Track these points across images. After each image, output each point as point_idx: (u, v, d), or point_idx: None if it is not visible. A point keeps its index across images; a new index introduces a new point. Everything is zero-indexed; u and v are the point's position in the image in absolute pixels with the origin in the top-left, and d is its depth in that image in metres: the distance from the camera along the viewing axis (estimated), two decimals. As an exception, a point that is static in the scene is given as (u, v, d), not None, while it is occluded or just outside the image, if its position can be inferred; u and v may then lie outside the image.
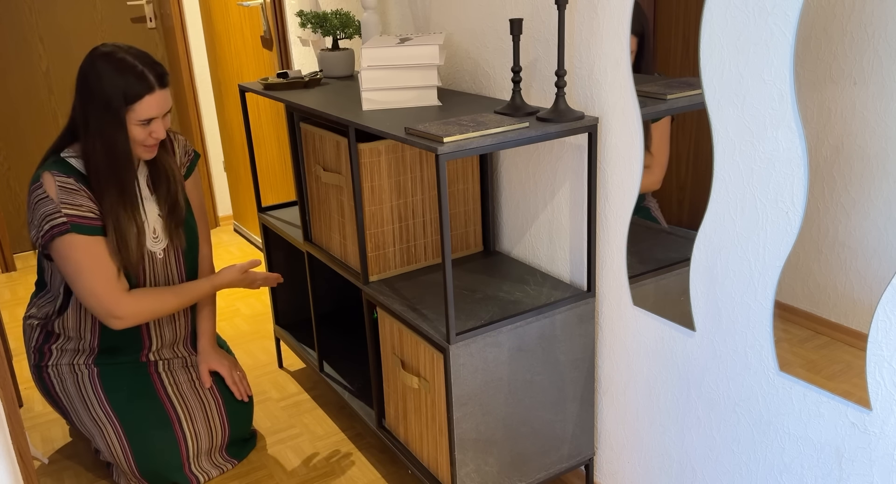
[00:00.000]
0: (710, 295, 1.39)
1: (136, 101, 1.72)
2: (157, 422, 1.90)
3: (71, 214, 1.74)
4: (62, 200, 1.74)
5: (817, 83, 1.12)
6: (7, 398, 1.19)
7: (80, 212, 1.75)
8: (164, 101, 1.77)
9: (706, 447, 1.49)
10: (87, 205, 1.77)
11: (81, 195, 1.76)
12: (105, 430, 1.88)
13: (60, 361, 1.94)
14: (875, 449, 1.18)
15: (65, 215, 1.74)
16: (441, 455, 1.63)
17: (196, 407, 1.95)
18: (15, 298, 3.15)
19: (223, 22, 3.31)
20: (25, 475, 1.26)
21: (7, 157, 3.51)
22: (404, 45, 1.68)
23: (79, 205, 1.76)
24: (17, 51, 3.42)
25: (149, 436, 1.89)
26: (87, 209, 1.76)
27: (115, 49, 1.75)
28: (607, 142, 1.52)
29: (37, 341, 1.95)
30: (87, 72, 1.74)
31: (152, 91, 1.74)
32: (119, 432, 1.88)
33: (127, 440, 1.88)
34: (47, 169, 1.77)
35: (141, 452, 1.88)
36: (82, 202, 1.76)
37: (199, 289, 1.94)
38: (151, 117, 1.76)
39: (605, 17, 1.45)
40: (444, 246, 1.42)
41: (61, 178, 1.76)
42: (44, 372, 1.94)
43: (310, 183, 1.98)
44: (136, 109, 1.73)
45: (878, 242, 1.09)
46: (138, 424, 1.89)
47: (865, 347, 1.15)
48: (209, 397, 1.98)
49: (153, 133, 1.78)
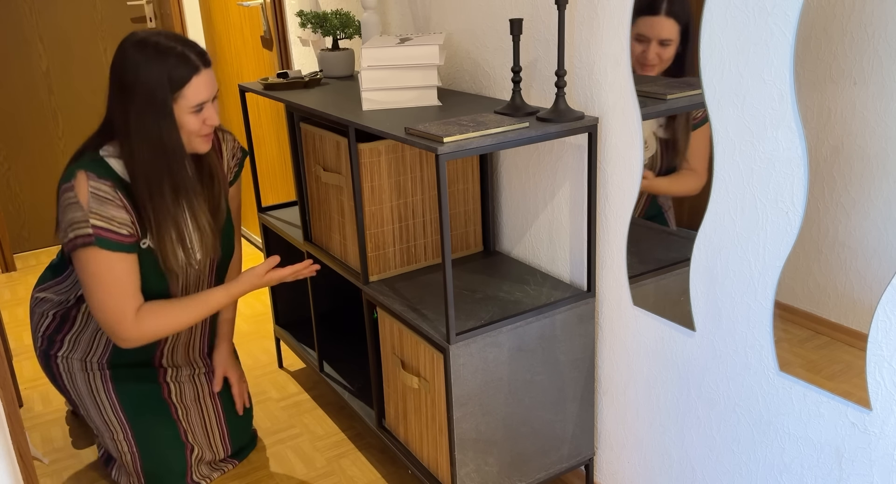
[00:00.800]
0: (710, 295, 1.39)
1: (184, 86, 1.57)
2: (166, 430, 1.88)
3: (98, 226, 1.59)
4: (92, 209, 1.58)
5: (817, 83, 1.12)
6: (7, 398, 1.19)
7: (108, 225, 1.60)
8: (211, 81, 1.61)
9: (706, 447, 1.49)
10: (119, 217, 1.61)
11: (115, 205, 1.60)
12: (115, 431, 1.86)
13: (72, 356, 1.84)
14: (875, 449, 1.18)
15: (92, 227, 1.58)
16: (441, 455, 1.63)
17: (197, 423, 1.93)
18: (15, 298, 3.15)
19: (223, 22, 3.31)
20: (25, 475, 1.26)
21: (7, 157, 3.51)
22: (404, 45, 1.68)
23: (110, 217, 1.60)
24: (17, 51, 3.42)
25: (158, 444, 1.88)
26: (119, 223, 1.61)
27: (147, 35, 1.58)
28: (607, 142, 1.52)
29: (47, 328, 1.84)
30: (121, 65, 1.57)
31: (198, 71, 1.58)
32: (129, 437, 1.86)
33: (136, 445, 1.86)
34: (83, 168, 1.60)
35: (148, 458, 1.87)
36: (115, 214, 1.60)
37: (215, 301, 1.76)
38: (202, 102, 1.60)
39: (605, 17, 1.45)
40: (444, 246, 1.42)
41: (95, 182, 1.59)
42: (52, 361, 1.85)
43: (310, 183, 1.98)
44: (185, 95, 1.57)
45: (878, 242, 1.09)
46: (149, 431, 1.87)
47: (865, 347, 1.15)
48: (210, 412, 1.96)
49: (207, 120, 1.63)
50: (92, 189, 1.59)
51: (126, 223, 1.62)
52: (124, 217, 1.62)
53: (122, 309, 1.65)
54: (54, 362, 1.86)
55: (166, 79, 1.55)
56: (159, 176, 1.61)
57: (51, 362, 1.86)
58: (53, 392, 2.42)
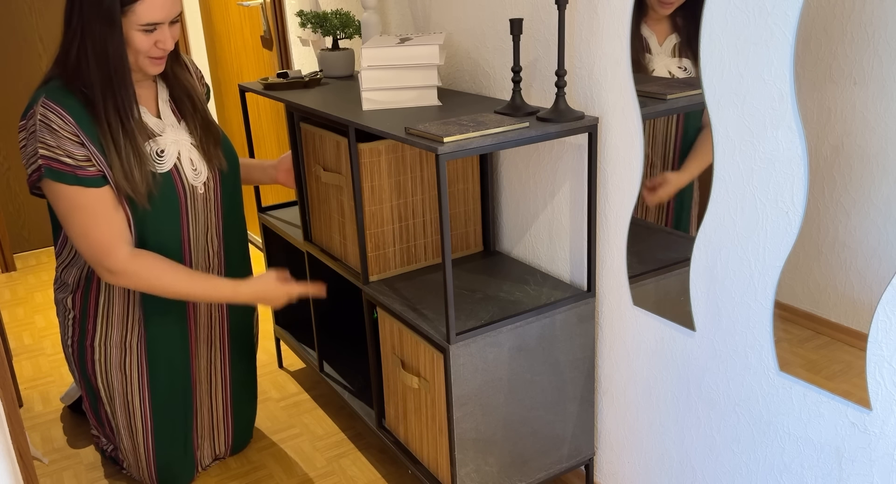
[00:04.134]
0: (710, 295, 1.39)
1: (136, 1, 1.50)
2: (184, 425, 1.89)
3: (47, 157, 1.52)
4: (40, 139, 1.51)
5: (817, 83, 1.12)
6: (7, 398, 1.19)
7: (55, 154, 1.53)
8: (168, 3, 1.53)
9: (706, 447, 1.49)
10: (68, 149, 1.53)
11: (62, 136, 1.52)
12: (134, 429, 1.84)
13: (110, 338, 1.75)
14: (875, 449, 1.18)
15: (41, 157, 1.52)
16: (441, 455, 1.63)
17: (205, 416, 1.96)
18: (15, 298, 3.15)
19: (223, 22, 3.31)
20: (25, 475, 1.26)
21: (7, 157, 3.51)
22: (404, 45, 1.68)
23: (55, 147, 1.52)
24: (17, 51, 3.42)
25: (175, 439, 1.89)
26: (65, 153, 1.52)
27: None
28: (607, 142, 1.52)
29: (74, 319, 1.76)
30: None
31: None
32: (148, 431, 1.85)
33: (154, 441, 1.86)
34: (43, 94, 1.54)
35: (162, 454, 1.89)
36: (61, 144, 1.52)
37: (218, 289, 1.67)
38: (155, 22, 1.53)
39: (605, 17, 1.45)
40: (444, 246, 1.42)
41: (47, 111, 1.52)
42: (89, 355, 1.76)
43: (310, 183, 1.98)
44: (136, 10, 1.50)
45: (878, 242, 1.09)
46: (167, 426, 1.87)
47: (865, 347, 1.15)
48: (220, 409, 1.98)
49: (159, 42, 1.56)
50: (41, 117, 1.52)
51: (77, 157, 1.54)
52: (76, 150, 1.54)
53: (108, 246, 1.57)
54: (90, 356, 1.77)
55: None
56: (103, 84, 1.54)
57: (86, 357, 1.77)
58: (53, 392, 2.42)
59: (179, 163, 1.69)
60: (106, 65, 1.53)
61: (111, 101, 1.56)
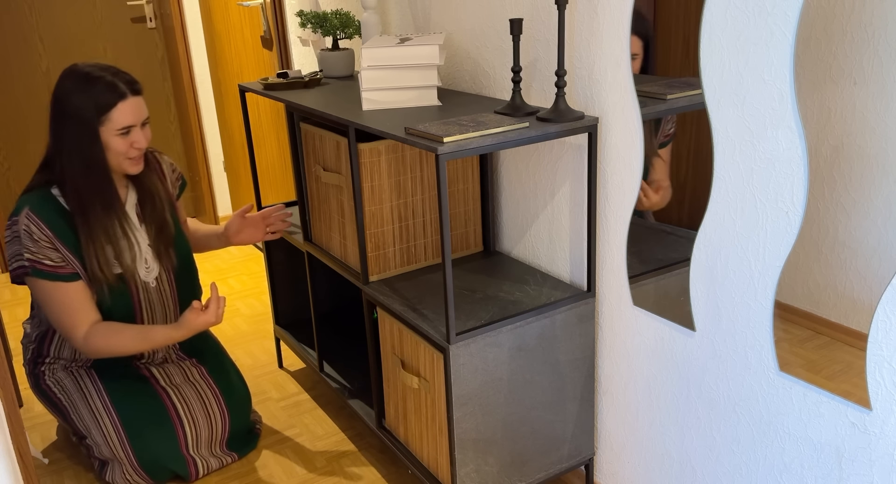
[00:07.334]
0: (710, 295, 1.39)
1: (110, 110, 1.73)
2: (153, 411, 1.92)
3: (32, 259, 1.77)
4: (24, 245, 1.77)
5: (817, 83, 1.12)
6: (7, 398, 1.19)
7: (37, 258, 1.77)
8: (138, 108, 1.78)
9: (706, 447, 1.49)
10: (47, 254, 1.77)
11: (45, 245, 1.77)
12: (102, 421, 1.90)
13: (56, 364, 1.99)
14: (875, 449, 1.18)
15: (27, 260, 1.77)
16: (441, 455, 1.63)
17: (193, 398, 1.97)
18: (15, 298, 3.15)
19: (223, 22, 3.31)
20: (25, 475, 1.26)
21: (7, 157, 3.52)
22: (404, 45, 1.68)
23: (39, 253, 1.77)
24: (17, 51, 3.42)
25: (146, 426, 1.91)
26: (47, 257, 1.77)
27: (83, 66, 1.77)
28: (607, 142, 1.52)
29: (32, 353, 2.00)
30: (57, 93, 1.75)
31: (124, 98, 1.74)
32: (116, 424, 1.90)
33: (124, 431, 1.89)
34: (27, 204, 1.78)
35: (139, 442, 1.90)
36: (45, 252, 1.77)
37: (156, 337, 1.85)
38: (128, 125, 1.76)
39: (605, 17, 1.45)
40: (444, 246, 1.42)
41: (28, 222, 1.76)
42: (41, 378, 1.98)
43: (310, 183, 1.98)
44: (111, 118, 1.74)
45: (878, 242, 1.09)
46: (136, 414, 1.91)
47: (865, 347, 1.15)
48: (206, 389, 2.00)
49: (134, 143, 1.79)
50: (24, 227, 1.77)
51: (54, 260, 1.78)
52: (53, 254, 1.78)
53: (71, 326, 1.82)
54: (42, 377, 1.98)
55: (93, 104, 1.72)
56: (89, 192, 1.78)
57: (39, 380, 1.98)
58: (53, 392, 2.42)
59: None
60: (90, 170, 1.77)
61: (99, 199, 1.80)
